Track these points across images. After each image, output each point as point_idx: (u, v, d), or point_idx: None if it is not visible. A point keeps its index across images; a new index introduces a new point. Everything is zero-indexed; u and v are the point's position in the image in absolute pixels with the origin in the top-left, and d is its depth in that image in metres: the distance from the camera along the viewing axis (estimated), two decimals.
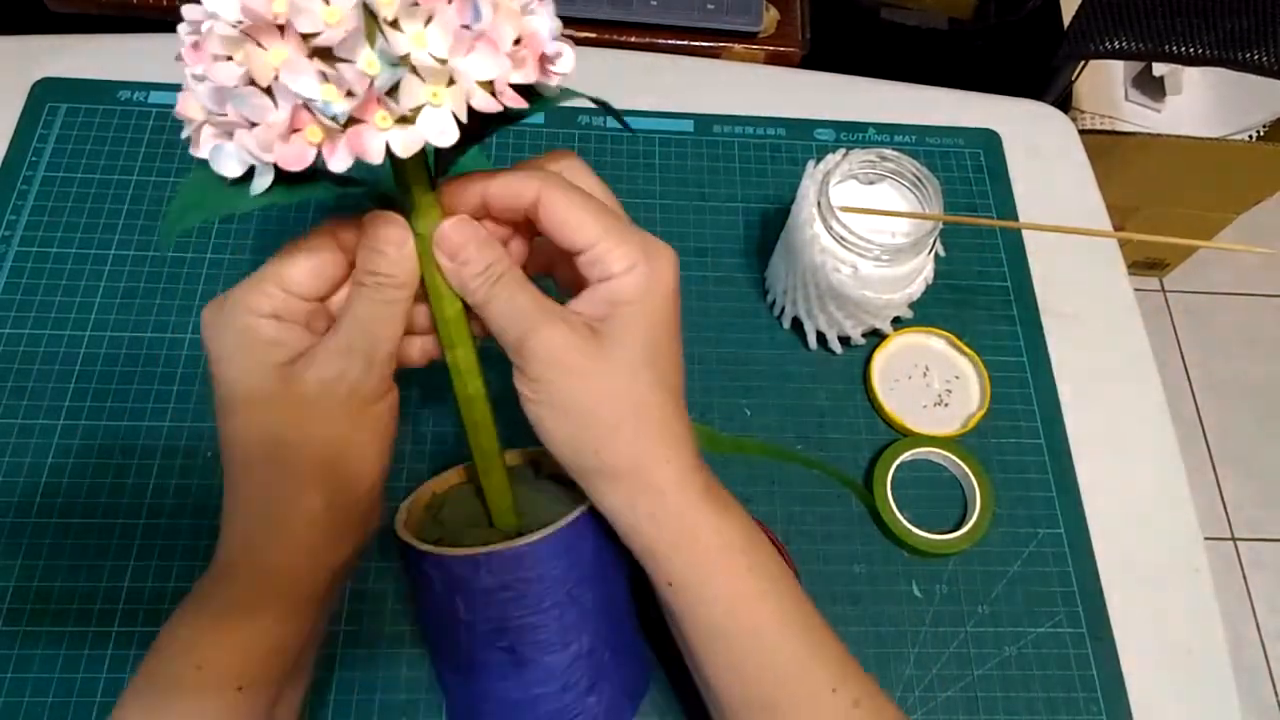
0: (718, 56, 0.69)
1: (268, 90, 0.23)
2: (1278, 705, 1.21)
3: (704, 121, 0.59)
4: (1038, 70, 0.95)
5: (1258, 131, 1.15)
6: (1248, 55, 0.85)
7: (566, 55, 0.27)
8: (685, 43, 0.69)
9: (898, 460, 0.48)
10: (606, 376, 0.29)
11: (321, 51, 0.23)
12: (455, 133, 0.24)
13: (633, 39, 0.68)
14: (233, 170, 0.24)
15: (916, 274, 0.48)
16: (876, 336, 0.52)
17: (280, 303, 0.29)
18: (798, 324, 0.52)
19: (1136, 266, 1.46)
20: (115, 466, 0.46)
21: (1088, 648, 0.46)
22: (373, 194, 0.29)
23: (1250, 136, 1.15)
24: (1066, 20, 0.94)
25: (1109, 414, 0.52)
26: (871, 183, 0.49)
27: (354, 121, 0.23)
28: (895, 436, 0.50)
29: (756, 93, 0.61)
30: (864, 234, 0.44)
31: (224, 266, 0.51)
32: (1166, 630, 0.47)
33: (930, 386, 0.52)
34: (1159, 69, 1.17)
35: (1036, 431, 0.51)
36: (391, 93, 0.23)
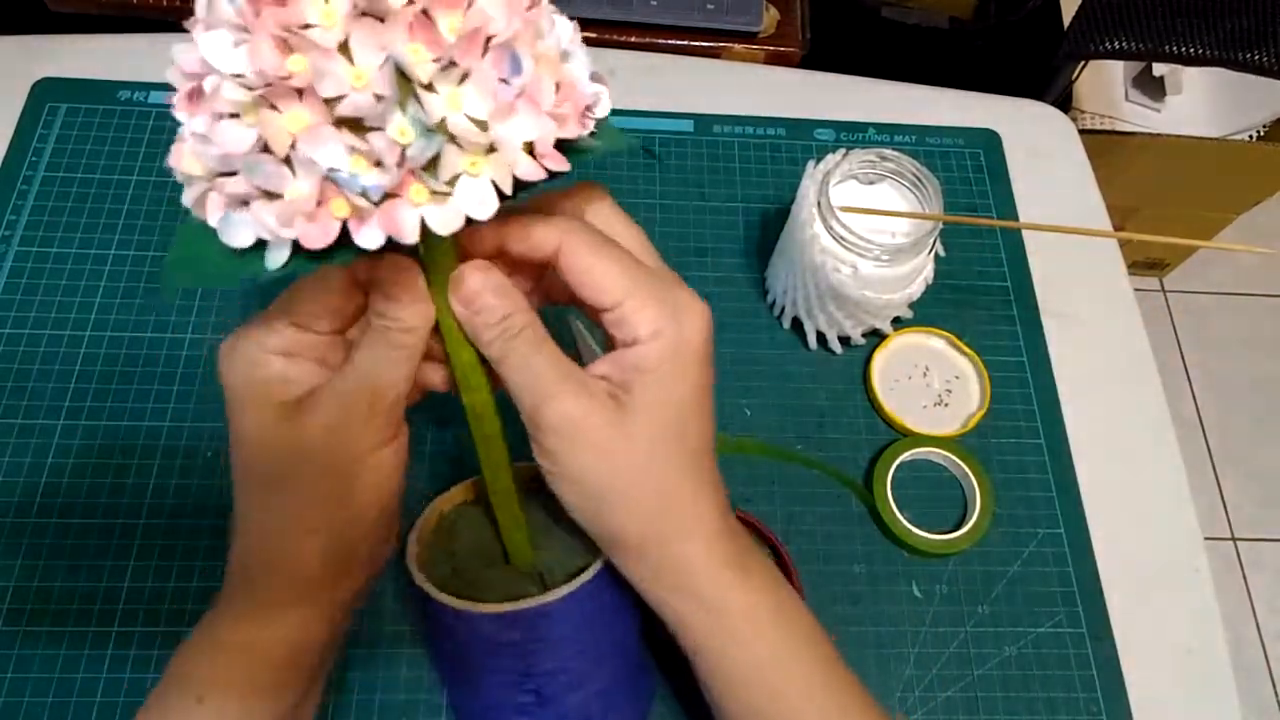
0: (718, 56, 0.69)
1: (285, 158, 0.21)
2: (1278, 705, 1.21)
3: (704, 121, 0.59)
4: (1038, 70, 0.95)
5: (1258, 131, 1.15)
6: (1248, 55, 0.85)
7: (604, 100, 0.24)
8: (685, 43, 0.69)
9: (898, 460, 0.48)
10: (626, 454, 0.28)
11: (345, 118, 0.20)
12: (495, 203, 0.22)
13: (633, 39, 0.68)
14: (245, 240, 0.22)
15: (916, 274, 0.48)
16: (876, 336, 0.52)
17: (290, 339, 0.28)
18: (798, 324, 0.52)
19: (1136, 266, 1.46)
20: (115, 466, 0.46)
21: (1088, 648, 0.46)
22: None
23: (1250, 136, 1.15)
24: (1066, 20, 0.94)
25: (1109, 414, 0.52)
26: (871, 183, 0.49)
27: (386, 195, 0.21)
28: (895, 436, 0.50)
29: (756, 93, 0.61)
30: (864, 234, 0.44)
31: None
32: (1166, 630, 0.47)
33: (930, 386, 0.52)
34: (1159, 69, 1.17)
35: (1036, 431, 0.51)
36: (428, 165, 0.21)
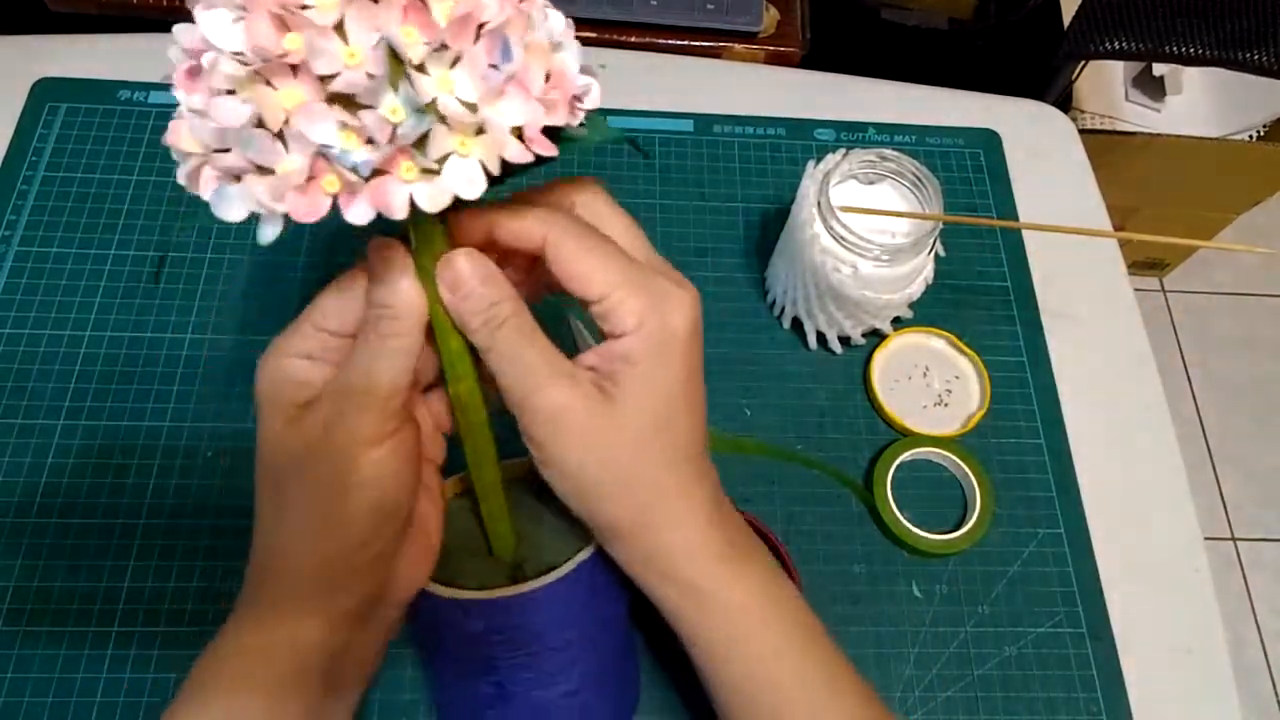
0: (718, 56, 0.69)
1: (279, 133, 0.21)
2: (1278, 705, 1.21)
3: (704, 121, 0.59)
4: (1038, 70, 0.95)
5: (1258, 131, 1.15)
6: (1248, 55, 0.85)
7: (594, 91, 0.25)
8: (685, 43, 0.69)
9: (898, 460, 0.48)
10: (613, 446, 0.28)
11: (338, 95, 0.21)
12: (484, 183, 0.23)
13: (633, 39, 0.68)
14: (237, 215, 0.22)
15: (916, 274, 0.48)
16: (876, 336, 0.52)
17: (314, 342, 0.28)
18: (798, 324, 0.52)
19: (1136, 266, 1.46)
20: (115, 466, 0.46)
21: (1088, 648, 0.46)
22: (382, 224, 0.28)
23: (1250, 136, 1.15)
24: (1066, 20, 0.94)
25: (1109, 414, 0.52)
26: (871, 183, 0.49)
27: (376, 172, 0.22)
28: (895, 436, 0.50)
29: (756, 93, 0.61)
30: (864, 234, 0.44)
31: (224, 266, 0.51)
32: (1166, 630, 0.47)
33: (930, 386, 0.52)
34: (1159, 69, 1.17)
35: (1036, 431, 0.51)
36: (418, 143, 0.22)
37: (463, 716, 0.36)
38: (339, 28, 0.21)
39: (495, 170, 0.23)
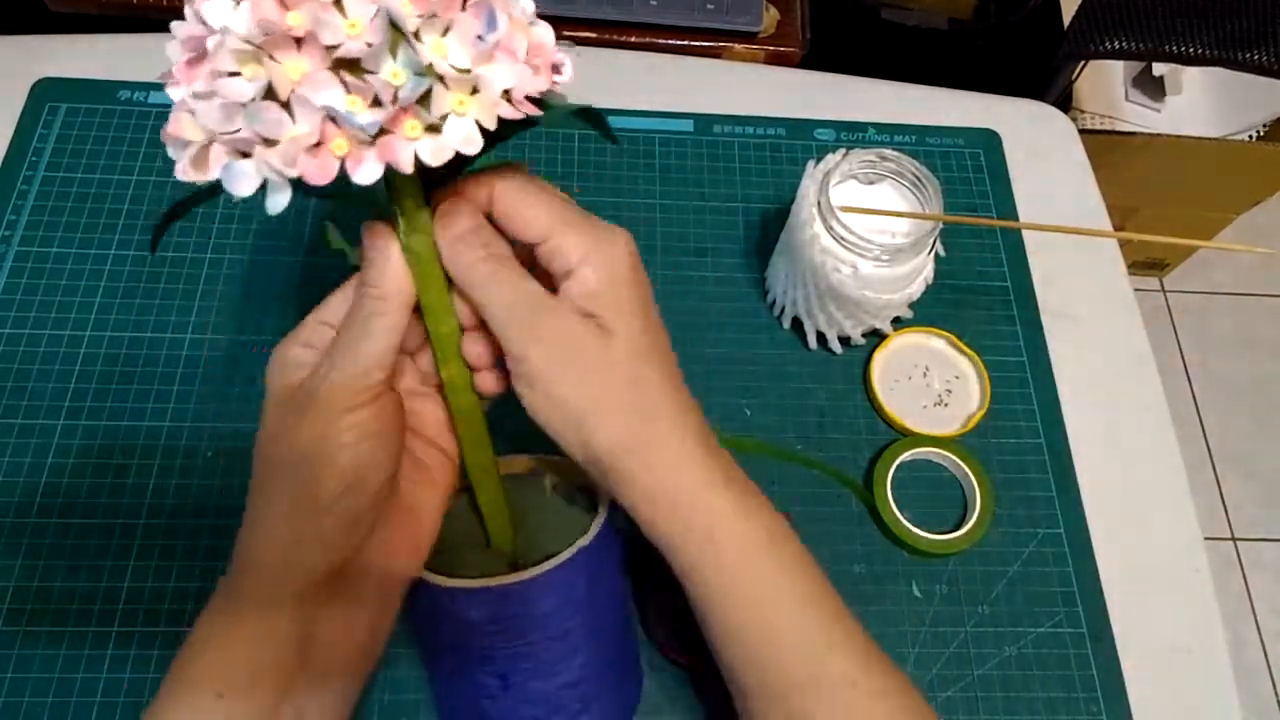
0: (718, 56, 0.69)
1: (284, 105, 0.22)
2: (1278, 705, 1.21)
3: (704, 121, 0.59)
4: (1038, 70, 0.95)
5: (1258, 131, 1.15)
6: (1248, 55, 0.85)
7: (568, 65, 0.27)
8: (685, 43, 0.69)
9: (898, 460, 0.48)
10: (608, 367, 0.30)
11: (341, 64, 0.22)
12: (480, 141, 0.24)
13: (633, 39, 0.68)
14: (248, 189, 0.23)
15: (916, 274, 0.48)
16: (876, 336, 0.52)
17: (315, 333, 0.31)
18: (798, 324, 0.52)
19: (1136, 266, 1.46)
20: (115, 466, 0.46)
21: (1088, 648, 0.46)
22: (375, 212, 0.29)
23: (1250, 136, 1.15)
24: (1066, 20, 0.94)
25: (1109, 414, 0.52)
26: (871, 183, 0.49)
27: (381, 132, 0.23)
28: (895, 436, 0.50)
29: (756, 93, 0.61)
30: (864, 234, 0.44)
31: (224, 266, 0.51)
32: (1166, 630, 0.47)
33: (930, 386, 0.52)
34: (1159, 69, 1.17)
35: (1036, 431, 0.51)
36: (420, 102, 0.23)
37: (463, 709, 0.36)
38: (338, 3, 0.22)
39: (491, 125, 0.24)
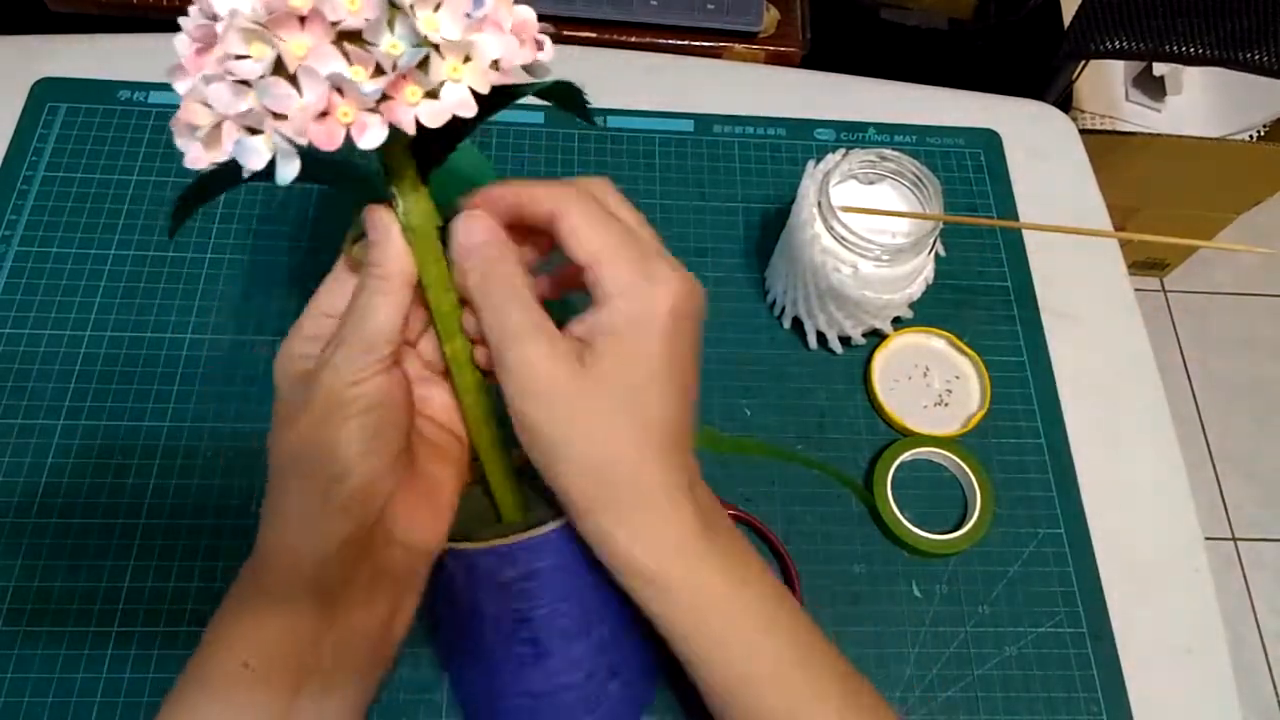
0: (718, 56, 0.69)
1: (290, 80, 0.24)
2: (1278, 705, 1.21)
3: (704, 121, 0.59)
4: (1038, 70, 0.95)
5: (1258, 131, 1.15)
6: (1248, 55, 0.85)
7: (548, 44, 0.28)
8: (685, 43, 0.69)
9: (898, 460, 0.48)
10: (580, 412, 0.29)
11: (342, 39, 0.24)
12: (475, 106, 0.26)
13: (633, 39, 0.68)
14: (259, 162, 0.25)
15: (916, 274, 0.48)
16: (876, 336, 0.52)
17: (317, 324, 0.31)
18: (798, 324, 0.52)
19: (1136, 266, 1.46)
20: (115, 466, 0.46)
21: (1088, 648, 0.46)
22: (375, 196, 0.30)
23: (1250, 136, 1.15)
24: (1066, 20, 0.94)
25: (1109, 414, 0.52)
26: (871, 183, 0.49)
27: (383, 99, 0.25)
28: (895, 436, 0.50)
29: (756, 93, 0.61)
30: (864, 234, 0.44)
31: (224, 266, 0.51)
32: (1166, 630, 0.47)
33: (930, 386, 0.52)
34: (1159, 69, 1.17)
35: (1037, 431, 0.51)
36: (420, 65, 0.25)
37: (497, 688, 0.36)
38: None
39: (484, 89, 0.26)
